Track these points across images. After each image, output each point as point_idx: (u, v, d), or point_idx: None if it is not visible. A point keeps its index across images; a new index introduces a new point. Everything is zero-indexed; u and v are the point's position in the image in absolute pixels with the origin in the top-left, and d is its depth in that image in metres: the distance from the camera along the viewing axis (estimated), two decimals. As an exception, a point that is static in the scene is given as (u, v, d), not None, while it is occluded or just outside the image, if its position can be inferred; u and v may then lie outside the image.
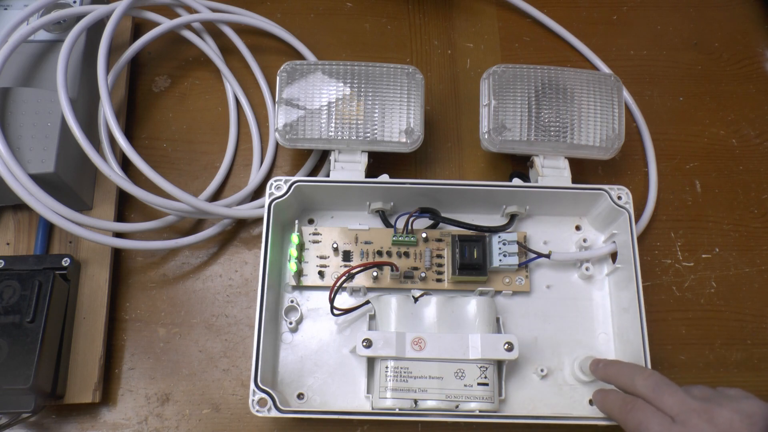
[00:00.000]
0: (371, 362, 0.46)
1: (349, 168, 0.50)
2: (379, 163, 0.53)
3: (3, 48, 0.48)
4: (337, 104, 0.51)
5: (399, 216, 0.50)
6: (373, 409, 0.45)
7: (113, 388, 0.49)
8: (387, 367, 0.44)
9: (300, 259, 0.49)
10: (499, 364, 0.46)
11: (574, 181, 0.51)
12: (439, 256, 0.50)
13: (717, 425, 0.36)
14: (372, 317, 0.48)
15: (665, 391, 0.39)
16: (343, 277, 0.47)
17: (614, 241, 0.50)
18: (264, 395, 0.42)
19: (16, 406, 0.43)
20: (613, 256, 0.50)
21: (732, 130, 0.60)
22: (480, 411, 0.44)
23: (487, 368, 0.44)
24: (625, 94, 0.60)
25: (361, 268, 0.48)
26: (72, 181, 0.49)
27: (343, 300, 0.50)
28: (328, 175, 0.50)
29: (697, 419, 0.36)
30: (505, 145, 0.51)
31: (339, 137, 0.51)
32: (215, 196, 0.55)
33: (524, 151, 0.52)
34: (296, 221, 0.50)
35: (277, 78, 0.52)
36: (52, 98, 0.49)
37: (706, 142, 0.59)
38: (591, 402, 0.46)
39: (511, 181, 0.51)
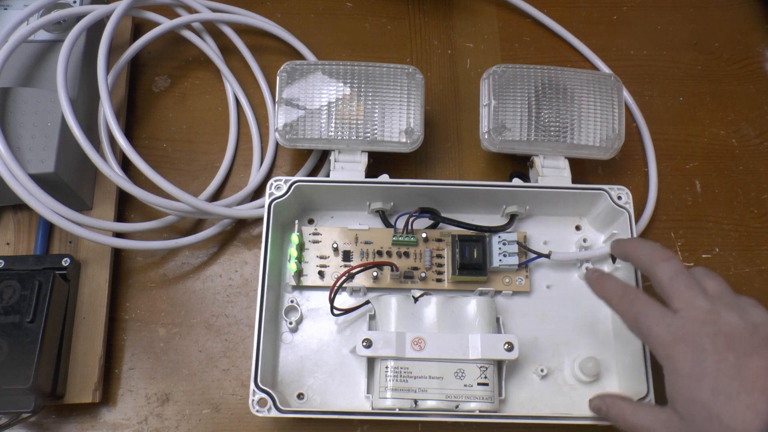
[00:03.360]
0: (371, 362, 0.46)
1: (349, 168, 0.50)
2: (379, 163, 0.53)
3: (3, 48, 0.48)
4: (337, 104, 0.51)
5: (399, 216, 0.50)
6: (373, 409, 0.45)
7: (113, 388, 0.49)
8: (387, 367, 0.44)
9: (300, 259, 0.49)
10: (499, 364, 0.46)
11: (574, 181, 0.51)
12: (439, 256, 0.50)
13: (718, 327, 0.35)
14: (372, 317, 0.48)
15: (681, 283, 0.37)
16: (343, 277, 0.47)
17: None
18: (264, 395, 0.42)
19: (16, 406, 0.43)
20: (613, 256, 0.50)
21: (732, 130, 0.60)
22: (480, 411, 0.44)
23: (487, 368, 0.44)
24: (625, 94, 0.60)
25: (361, 268, 0.48)
26: (72, 181, 0.49)
27: (343, 300, 0.50)
28: (328, 175, 0.50)
29: (701, 317, 0.36)
30: (505, 145, 0.51)
31: (339, 137, 0.51)
32: (215, 196, 0.55)
33: (524, 151, 0.52)
34: (296, 221, 0.50)
35: (277, 78, 0.52)
36: (52, 98, 0.49)
37: (706, 142, 0.59)
38: (585, 279, 0.45)
39: (511, 181, 0.51)
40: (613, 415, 0.40)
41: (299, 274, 0.49)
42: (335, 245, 0.50)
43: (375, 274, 0.49)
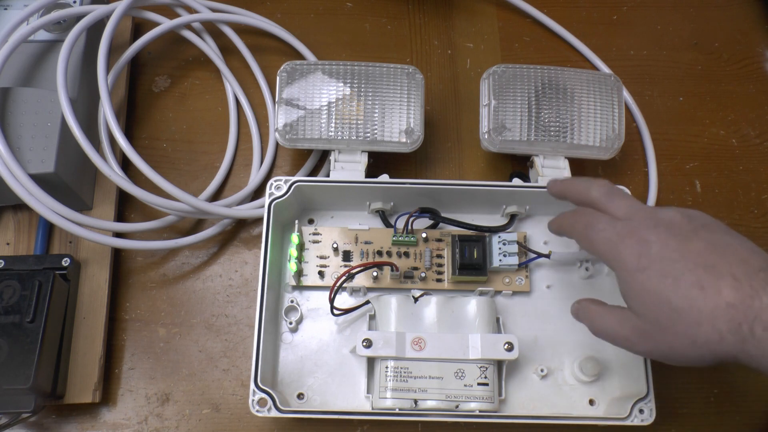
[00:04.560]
0: (371, 362, 0.46)
1: (349, 168, 0.50)
2: (379, 163, 0.53)
3: (3, 48, 0.48)
4: (337, 104, 0.51)
5: (399, 216, 0.50)
6: (373, 409, 0.45)
7: (113, 388, 0.49)
8: (387, 367, 0.44)
9: (300, 259, 0.49)
10: (499, 364, 0.46)
11: (574, 181, 0.51)
12: (439, 256, 0.50)
13: (659, 220, 0.37)
14: (372, 317, 0.48)
15: (617, 195, 0.40)
16: (343, 277, 0.47)
17: (614, 241, 0.49)
18: (264, 395, 0.42)
19: (16, 406, 0.43)
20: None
21: (732, 130, 0.60)
22: (480, 411, 0.44)
23: (487, 368, 0.44)
24: (625, 94, 0.60)
25: (361, 268, 0.48)
26: (72, 181, 0.49)
27: (343, 300, 0.50)
28: (328, 175, 0.50)
29: (642, 215, 0.38)
30: (505, 145, 0.51)
31: (339, 137, 0.51)
32: (215, 196, 0.55)
33: (524, 151, 0.52)
34: (296, 221, 0.50)
35: (277, 78, 0.52)
36: (52, 98, 0.49)
37: (706, 142, 0.59)
38: (548, 226, 0.46)
39: (511, 181, 0.51)
40: (584, 319, 0.42)
41: (299, 274, 0.49)
42: (335, 245, 0.50)
43: (375, 274, 0.49)
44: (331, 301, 0.46)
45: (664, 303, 0.35)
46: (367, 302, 0.48)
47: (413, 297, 0.47)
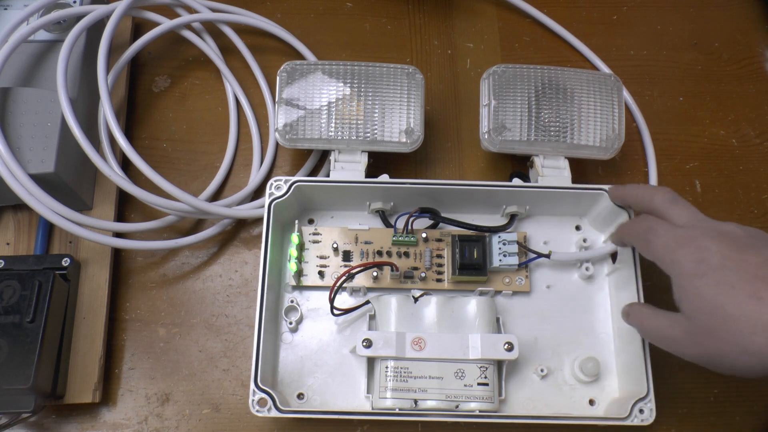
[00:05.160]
0: (371, 362, 0.46)
1: (349, 168, 0.50)
2: (379, 163, 0.53)
3: (3, 48, 0.48)
4: (337, 104, 0.51)
5: (399, 216, 0.50)
6: (373, 409, 0.45)
7: (113, 388, 0.49)
8: (387, 367, 0.44)
9: (300, 259, 0.49)
10: (499, 364, 0.46)
11: (574, 181, 0.51)
12: (439, 256, 0.50)
13: (720, 231, 0.38)
14: (372, 317, 0.48)
15: (679, 204, 0.41)
16: (343, 277, 0.47)
17: (614, 241, 0.50)
18: (264, 395, 0.42)
19: (16, 406, 0.43)
20: (613, 256, 0.50)
21: (732, 130, 0.60)
22: (480, 411, 0.44)
23: (487, 368, 0.44)
24: (625, 94, 0.60)
25: (361, 268, 0.48)
26: (72, 181, 0.49)
27: (343, 300, 0.50)
28: (328, 175, 0.50)
29: (703, 225, 0.39)
30: (505, 145, 0.51)
31: (339, 137, 0.51)
32: (215, 196, 0.55)
33: (524, 151, 0.52)
34: (296, 221, 0.50)
35: (277, 78, 0.52)
36: (52, 98, 0.49)
37: (706, 142, 0.59)
38: (611, 239, 0.47)
39: (511, 181, 0.51)
40: (634, 321, 0.43)
41: (299, 274, 0.49)
42: (335, 245, 0.50)
43: (375, 274, 0.49)
44: (331, 301, 0.46)
45: (718, 309, 0.35)
46: (367, 302, 0.48)
47: (413, 297, 0.47)
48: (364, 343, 0.44)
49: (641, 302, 0.43)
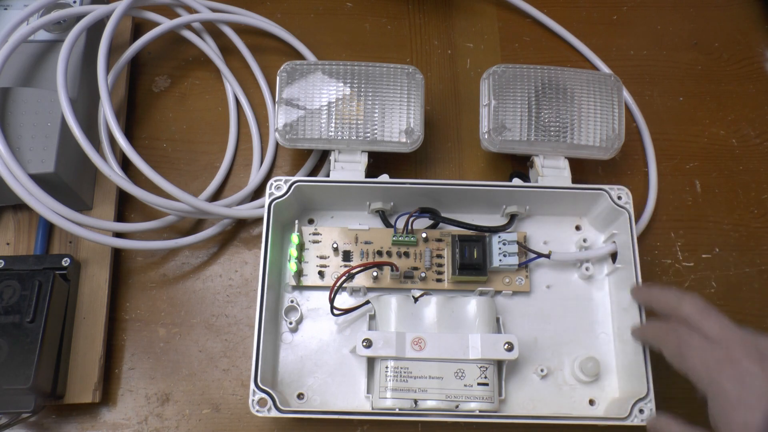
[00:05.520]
0: (371, 362, 0.46)
1: (349, 168, 0.50)
2: (379, 163, 0.53)
3: (3, 48, 0.48)
4: (337, 104, 0.51)
5: (399, 216, 0.50)
6: (373, 409, 0.45)
7: (113, 388, 0.49)
8: (387, 367, 0.44)
9: (300, 259, 0.49)
10: (499, 364, 0.46)
11: (574, 181, 0.51)
12: (439, 256, 0.50)
13: (759, 348, 0.36)
14: (372, 317, 0.48)
15: (712, 314, 0.38)
16: (343, 277, 0.47)
17: (614, 241, 0.50)
18: (264, 395, 0.42)
19: (16, 406, 0.43)
20: (613, 256, 0.50)
21: (732, 130, 0.60)
22: (480, 411, 0.44)
23: (487, 368, 0.44)
24: (625, 94, 0.60)
25: (361, 268, 0.48)
26: (72, 181, 0.49)
27: (343, 300, 0.50)
28: (328, 175, 0.50)
29: (740, 341, 0.37)
30: (505, 145, 0.51)
31: (339, 137, 0.51)
32: (215, 196, 0.55)
33: (524, 151, 0.52)
34: (296, 221, 0.50)
35: (277, 78, 0.52)
36: (52, 98, 0.49)
37: (706, 142, 0.59)
38: (633, 334, 0.45)
39: (511, 181, 0.51)
40: None
41: (299, 274, 0.49)
42: (335, 245, 0.50)
43: (375, 274, 0.49)
44: (331, 301, 0.46)
45: None
46: (367, 302, 0.48)
47: (413, 297, 0.47)
48: (364, 343, 0.44)
49: (670, 416, 0.41)
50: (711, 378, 0.36)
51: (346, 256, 0.50)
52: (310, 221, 0.52)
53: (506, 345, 0.44)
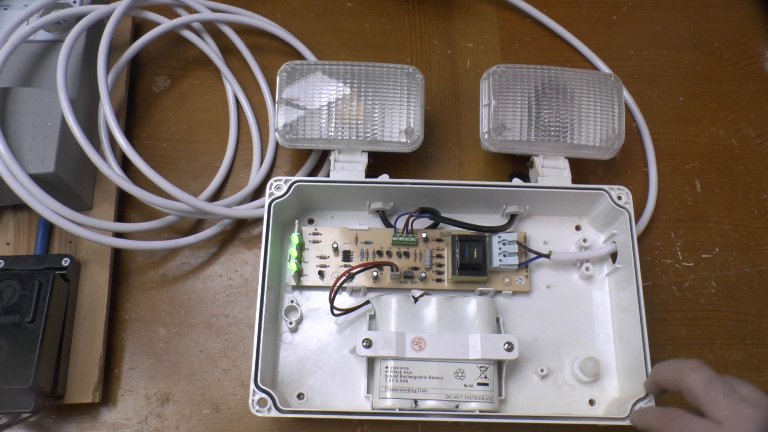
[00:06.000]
0: (371, 362, 0.46)
1: (349, 168, 0.50)
2: (379, 163, 0.53)
3: (3, 48, 0.48)
4: (337, 104, 0.51)
5: (399, 216, 0.50)
6: (373, 409, 0.45)
7: (113, 388, 0.49)
8: (387, 367, 0.44)
9: (300, 259, 0.49)
10: (499, 364, 0.46)
11: (574, 181, 0.51)
12: (439, 256, 0.50)
13: None
14: (372, 317, 0.48)
15: (716, 387, 0.36)
16: (343, 277, 0.47)
17: (614, 241, 0.50)
18: (264, 395, 0.42)
19: (16, 406, 0.43)
20: (613, 256, 0.50)
21: (732, 130, 0.60)
22: (480, 411, 0.44)
23: (487, 368, 0.44)
24: (625, 94, 0.60)
25: (361, 268, 0.48)
26: (72, 181, 0.49)
27: (343, 300, 0.50)
28: (328, 175, 0.50)
29: (747, 428, 0.34)
30: (505, 145, 0.51)
31: (339, 137, 0.51)
32: (215, 196, 0.55)
33: (524, 151, 0.52)
34: (296, 221, 0.50)
35: (277, 78, 0.52)
36: (52, 98, 0.49)
37: (706, 142, 0.59)
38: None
39: (511, 181, 0.51)
40: None
41: (299, 274, 0.49)
42: (335, 245, 0.50)
43: (375, 274, 0.49)
44: (331, 301, 0.46)
45: None
46: (367, 302, 0.48)
47: (413, 297, 0.47)
48: (364, 343, 0.44)
49: (645, 407, 0.40)
50: None
51: (346, 256, 0.50)
52: (310, 221, 0.52)
53: (506, 345, 0.44)
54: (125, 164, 0.53)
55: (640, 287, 0.46)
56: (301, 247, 0.50)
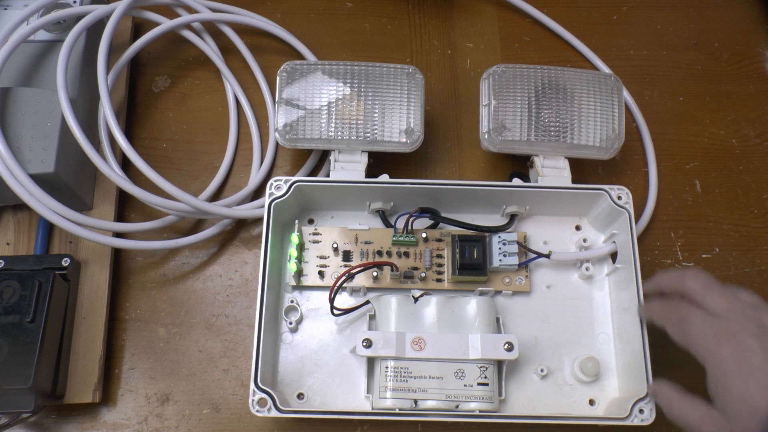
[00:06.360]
0: (371, 362, 0.46)
1: (349, 168, 0.50)
2: (379, 163, 0.53)
3: (3, 48, 0.48)
4: (337, 104, 0.51)
5: (399, 216, 0.50)
6: (373, 409, 0.45)
7: (113, 388, 0.49)
8: (387, 367, 0.44)
9: (300, 259, 0.49)
10: (499, 364, 0.46)
11: (574, 181, 0.51)
12: (439, 256, 0.50)
13: (761, 324, 0.37)
14: (372, 317, 0.48)
15: (714, 290, 0.39)
16: (343, 277, 0.47)
17: (614, 241, 0.50)
18: (264, 395, 0.42)
19: (16, 406, 0.43)
20: (613, 256, 0.50)
21: (732, 130, 0.60)
22: (480, 411, 0.44)
23: (487, 368, 0.44)
24: (625, 94, 0.60)
25: (361, 268, 0.48)
26: (72, 181, 0.49)
27: (343, 300, 0.50)
28: (328, 175, 0.50)
29: (742, 316, 0.37)
30: (505, 145, 0.51)
31: (339, 137, 0.51)
32: (215, 196, 0.55)
33: (524, 151, 0.52)
34: (296, 221, 0.50)
35: (277, 78, 0.52)
36: (52, 98, 0.49)
37: (706, 142, 0.59)
38: (640, 315, 0.45)
39: (511, 181, 0.51)
40: (661, 401, 0.41)
41: (299, 274, 0.49)
42: (335, 245, 0.50)
43: (375, 274, 0.49)
44: (331, 301, 0.46)
45: (761, 414, 0.34)
46: (367, 302, 0.48)
47: (413, 297, 0.47)
48: (364, 343, 0.44)
49: (670, 383, 0.41)
50: (710, 350, 0.37)
51: (346, 256, 0.50)
52: (310, 221, 0.52)
53: (506, 345, 0.44)
54: (125, 164, 0.53)
55: (640, 287, 0.46)
56: (301, 247, 0.50)
